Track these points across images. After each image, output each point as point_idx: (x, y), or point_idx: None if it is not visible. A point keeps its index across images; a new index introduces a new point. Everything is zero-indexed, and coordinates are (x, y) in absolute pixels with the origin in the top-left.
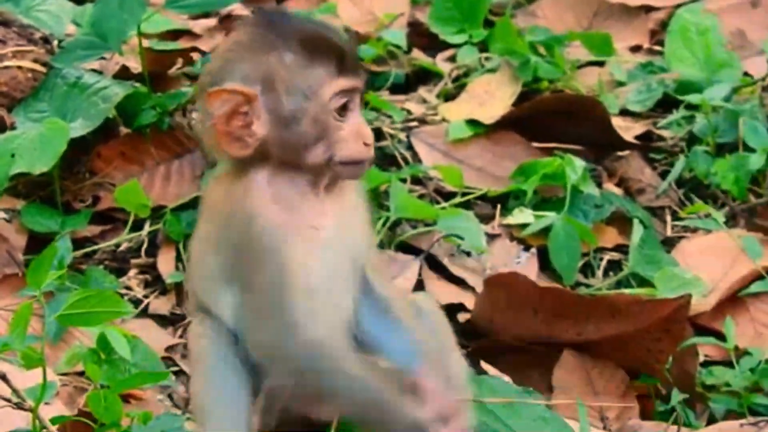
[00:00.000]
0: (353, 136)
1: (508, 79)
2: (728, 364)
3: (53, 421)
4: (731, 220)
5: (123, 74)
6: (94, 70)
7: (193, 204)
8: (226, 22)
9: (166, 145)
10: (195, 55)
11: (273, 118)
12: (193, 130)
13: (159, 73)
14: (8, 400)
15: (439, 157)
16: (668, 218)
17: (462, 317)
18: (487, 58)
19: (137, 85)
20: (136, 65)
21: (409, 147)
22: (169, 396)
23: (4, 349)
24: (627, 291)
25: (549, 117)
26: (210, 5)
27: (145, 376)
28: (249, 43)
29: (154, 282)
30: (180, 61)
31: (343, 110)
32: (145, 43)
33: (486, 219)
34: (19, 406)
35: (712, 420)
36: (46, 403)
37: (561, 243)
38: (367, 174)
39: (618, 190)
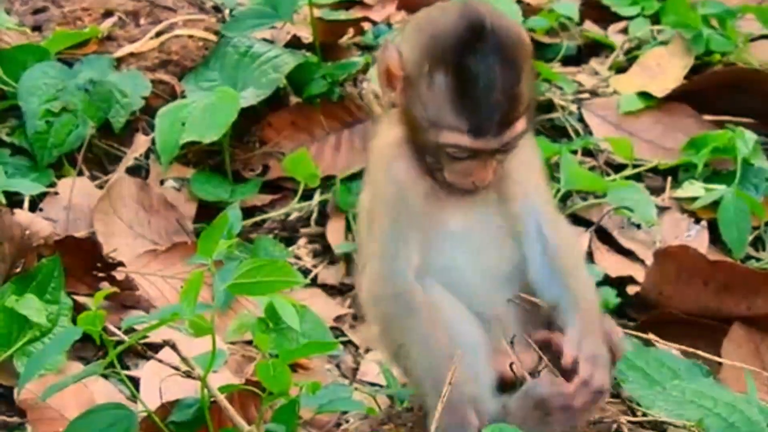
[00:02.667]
0: (462, 173)
1: (680, 51)
2: None
3: (222, 389)
4: None
5: (294, 43)
6: (265, 40)
7: (362, 174)
8: None
9: (336, 115)
10: (366, 25)
11: (405, 107)
12: (364, 100)
13: (330, 43)
14: (177, 369)
15: (610, 130)
16: None
17: (631, 290)
18: (659, 31)
19: (308, 54)
20: (306, 35)
21: (580, 119)
22: (337, 366)
23: (175, 318)
24: None
25: (721, 90)
26: None
27: (313, 345)
28: (432, 33)
29: (324, 252)
30: (351, 32)
31: (457, 158)
32: (317, 12)
33: (656, 192)
34: (188, 375)
35: None
36: (215, 372)
37: (731, 216)
38: (538, 144)
39: None
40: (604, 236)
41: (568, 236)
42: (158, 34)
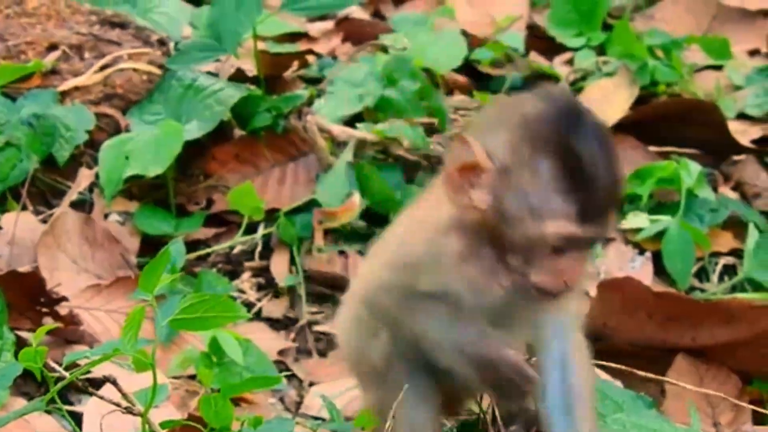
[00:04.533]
0: (558, 272)
1: (625, 82)
2: None
3: (163, 425)
4: None
5: (238, 77)
6: (209, 73)
7: (307, 207)
8: (343, 24)
9: (280, 148)
10: (311, 58)
11: (494, 202)
12: (308, 133)
13: (274, 76)
14: (118, 405)
15: None
16: None
17: None
18: (604, 62)
19: (252, 87)
20: (251, 68)
21: None
22: (281, 399)
23: (116, 353)
24: (742, 296)
25: (666, 121)
26: (327, 7)
27: (257, 380)
28: (524, 121)
29: (267, 285)
30: (295, 64)
31: (561, 250)
32: (262, 45)
33: None
34: (129, 411)
35: None
36: (157, 407)
37: (675, 247)
38: None
39: (734, 195)
40: None
41: (587, 368)
42: (103, 68)
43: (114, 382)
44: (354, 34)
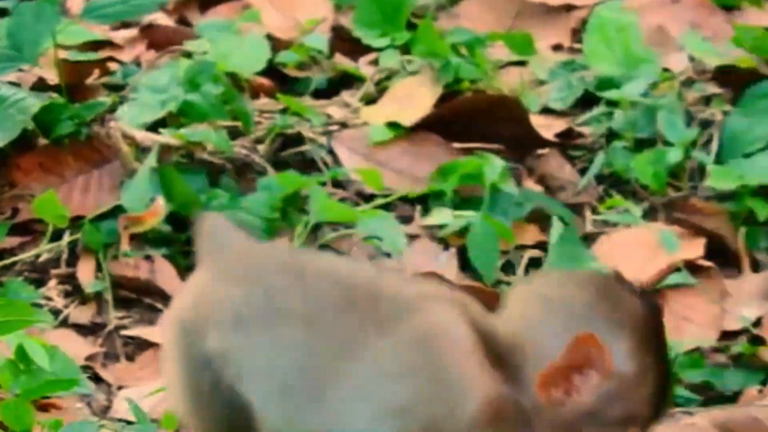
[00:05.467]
0: None
1: (429, 81)
2: None
3: None
4: (651, 215)
5: (40, 86)
6: (11, 83)
7: (112, 214)
8: (148, 32)
9: (84, 155)
10: (113, 65)
11: (593, 403)
12: (112, 140)
13: (77, 84)
14: None
15: (360, 161)
16: (588, 214)
17: None
18: (409, 61)
19: (55, 95)
20: (53, 77)
21: (330, 151)
22: (88, 404)
23: None
24: None
25: (469, 118)
26: (127, 14)
27: (55, 383)
28: (639, 320)
29: (75, 292)
30: (98, 72)
31: None
32: (64, 54)
33: (407, 220)
34: None
35: None
36: None
37: (479, 241)
38: (285, 178)
39: (538, 188)
40: None
41: None
42: None
43: None
44: (159, 41)
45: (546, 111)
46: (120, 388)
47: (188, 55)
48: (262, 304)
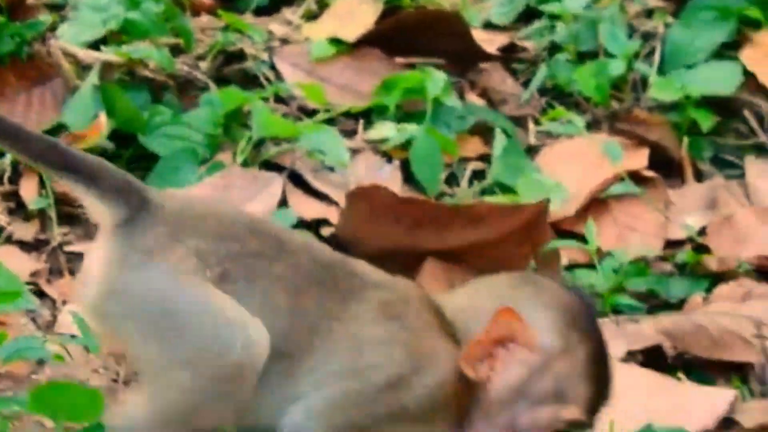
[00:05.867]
0: None
1: None
2: (592, 266)
3: None
4: (594, 127)
5: None
6: None
7: (54, 131)
8: None
9: (26, 74)
10: None
11: (519, 378)
12: (53, 58)
13: (17, 4)
14: None
15: (303, 76)
16: (531, 126)
17: (326, 231)
18: None
19: None
20: None
21: (272, 67)
22: (33, 320)
23: None
24: (489, 199)
25: (411, 33)
26: None
27: (4, 295)
28: (565, 309)
29: (18, 209)
30: None
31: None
32: None
33: (349, 135)
34: None
35: None
36: None
37: (422, 154)
38: (227, 94)
39: (481, 102)
40: (298, 181)
41: None
42: None
43: None
44: None
45: (488, 26)
46: (64, 303)
47: None
48: (249, 263)
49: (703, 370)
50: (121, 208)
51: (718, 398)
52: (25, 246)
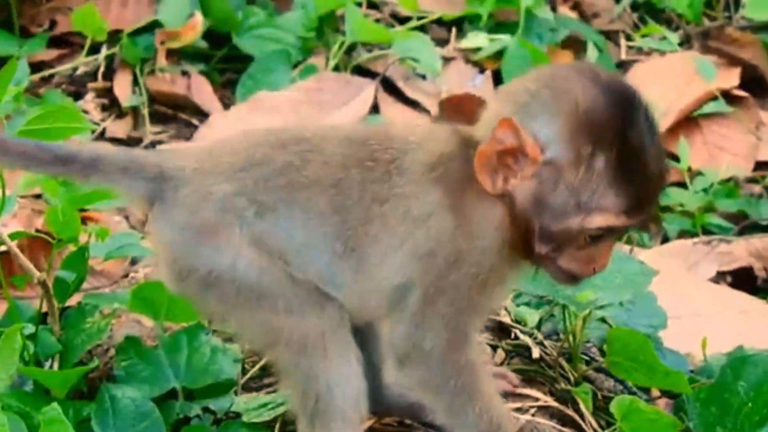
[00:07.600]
0: (588, 258)
1: None
2: (682, 185)
3: (12, 236)
4: (685, 43)
5: None
6: None
7: (149, 28)
8: None
9: None
10: None
11: (534, 191)
12: None
13: None
14: None
15: None
16: (623, 41)
17: None
18: None
19: None
20: None
21: None
22: (126, 218)
23: None
24: None
25: None
26: None
27: (97, 193)
28: (577, 110)
29: (111, 106)
30: None
31: (598, 238)
32: None
33: (441, 43)
34: None
35: (666, 240)
36: (4, 226)
37: (515, 65)
38: None
39: (573, 14)
40: (390, 87)
41: None
42: None
43: None
44: None
45: None
46: None
47: None
48: (281, 182)
49: None
50: (138, 183)
51: None
52: (117, 142)
